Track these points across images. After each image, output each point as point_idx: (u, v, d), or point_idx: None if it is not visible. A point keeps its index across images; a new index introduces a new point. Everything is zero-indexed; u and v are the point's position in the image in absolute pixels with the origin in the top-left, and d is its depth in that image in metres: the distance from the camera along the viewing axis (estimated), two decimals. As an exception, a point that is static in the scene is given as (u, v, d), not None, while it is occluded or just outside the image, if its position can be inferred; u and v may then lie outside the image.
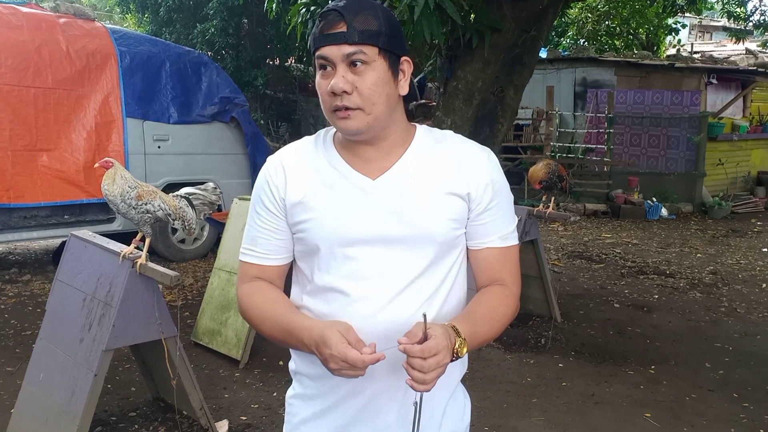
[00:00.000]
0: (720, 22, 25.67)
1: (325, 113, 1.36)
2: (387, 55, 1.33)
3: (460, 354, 1.26)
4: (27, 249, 7.29)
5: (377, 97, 1.32)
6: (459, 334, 1.27)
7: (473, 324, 1.33)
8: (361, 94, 1.30)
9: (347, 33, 1.29)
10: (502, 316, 1.42)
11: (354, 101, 1.30)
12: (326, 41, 1.30)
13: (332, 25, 1.30)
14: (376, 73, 1.31)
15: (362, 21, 1.29)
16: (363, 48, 1.29)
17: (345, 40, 1.29)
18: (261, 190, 1.44)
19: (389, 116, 1.36)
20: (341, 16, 1.29)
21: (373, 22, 1.30)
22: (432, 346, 1.20)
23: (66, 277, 3.19)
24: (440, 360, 1.21)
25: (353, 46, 1.29)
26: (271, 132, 14.69)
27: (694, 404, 3.86)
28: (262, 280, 1.46)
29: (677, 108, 10.72)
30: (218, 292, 4.44)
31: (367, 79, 1.31)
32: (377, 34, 1.30)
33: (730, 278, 6.71)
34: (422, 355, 1.19)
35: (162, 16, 13.94)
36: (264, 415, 3.59)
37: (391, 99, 1.35)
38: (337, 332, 1.24)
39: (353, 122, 1.32)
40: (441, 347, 1.21)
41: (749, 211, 10.93)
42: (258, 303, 1.42)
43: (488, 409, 3.70)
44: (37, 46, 5.67)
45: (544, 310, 5.21)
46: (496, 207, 1.42)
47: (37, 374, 3.13)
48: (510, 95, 5.25)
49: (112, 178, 2.93)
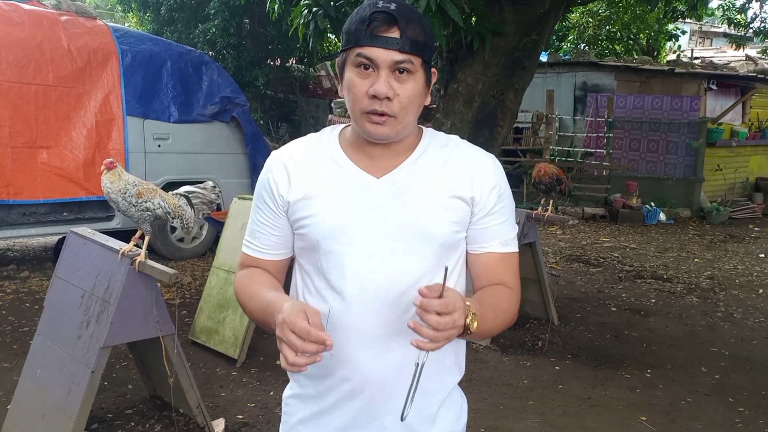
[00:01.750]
0: (720, 29, 25.71)
1: (354, 112, 1.34)
2: (426, 68, 1.34)
3: (471, 329, 1.23)
4: (25, 246, 7.29)
5: (412, 107, 1.33)
6: (470, 309, 1.24)
7: (482, 306, 1.30)
8: (401, 103, 1.30)
9: (401, 40, 1.27)
10: (506, 309, 1.40)
11: (392, 108, 1.30)
12: (376, 42, 1.28)
13: (384, 27, 1.27)
14: (416, 84, 1.32)
15: (413, 30, 1.28)
16: (411, 57, 1.29)
17: (398, 47, 1.27)
18: (262, 186, 1.45)
19: (414, 124, 1.38)
20: (395, 20, 1.27)
21: (420, 32, 1.30)
22: (450, 301, 1.16)
23: (64, 274, 3.19)
24: (455, 320, 1.16)
25: (404, 54, 1.28)
26: (271, 132, 14.70)
27: (689, 408, 3.87)
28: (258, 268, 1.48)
29: (677, 113, 10.74)
30: (216, 290, 4.44)
31: (408, 89, 1.31)
32: (424, 45, 1.30)
33: (727, 283, 6.72)
34: (440, 309, 1.14)
35: (163, 15, 13.94)
36: (260, 414, 3.59)
37: (420, 108, 1.37)
38: (301, 307, 1.21)
39: (385, 129, 1.32)
40: (458, 306, 1.17)
41: (747, 216, 10.95)
42: (246, 283, 1.44)
43: (484, 411, 3.70)
44: (38, 43, 5.67)
45: (541, 312, 5.21)
46: (499, 212, 1.42)
47: (34, 371, 3.13)
48: (510, 98, 5.26)
49: (114, 176, 2.93)
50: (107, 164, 2.95)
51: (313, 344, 1.16)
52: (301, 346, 1.16)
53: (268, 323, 1.32)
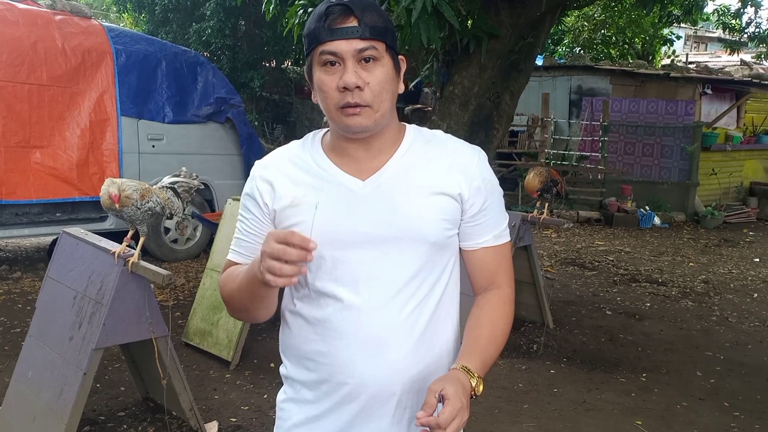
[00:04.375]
0: (715, 34, 25.84)
1: (329, 111, 1.32)
2: (391, 52, 1.33)
3: (477, 393, 1.27)
4: (18, 246, 7.25)
5: (385, 93, 1.31)
6: (472, 374, 1.27)
7: (481, 353, 1.33)
8: (372, 91, 1.29)
9: (360, 28, 1.26)
10: (504, 328, 1.42)
11: (365, 98, 1.29)
12: (336, 35, 1.27)
13: (341, 19, 1.27)
14: (384, 69, 1.31)
15: (371, 16, 1.28)
16: (374, 43, 1.28)
17: (358, 35, 1.26)
18: (247, 196, 1.43)
19: (391, 113, 1.36)
20: (350, 10, 1.27)
21: (378, 18, 1.29)
22: (447, 416, 1.18)
23: (57, 275, 3.16)
24: (459, 424, 1.20)
25: (365, 41, 1.27)
26: (267, 134, 14.68)
27: (684, 413, 3.86)
28: None
29: (671, 117, 10.76)
30: (210, 292, 4.42)
31: (377, 75, 1.29)
32: (384, 30, 1.30)
33: (721, 287, 6.73)
34: (440, 427, 1.17)
35: (158, 16, 13.92)
36: (254, 417, 3.57)
37: (394, 96, 1.35)
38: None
39: (362, 119, 1.30)
40: (456, 411, 1.19)
41: (742, 221, 10.96)
42: (226, 276, 1.42)
43: (479, 415, 3.69)
44: (32, 43, 5.64)
45: (536, 316, 5.20)
46: (490, 207, 1.42)
47: (26, 372, 3.11)
48: (506, 101, 5.26)
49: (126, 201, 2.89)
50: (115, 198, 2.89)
51: (295, 250, 1.13)
52: (284, 252, 1.13)
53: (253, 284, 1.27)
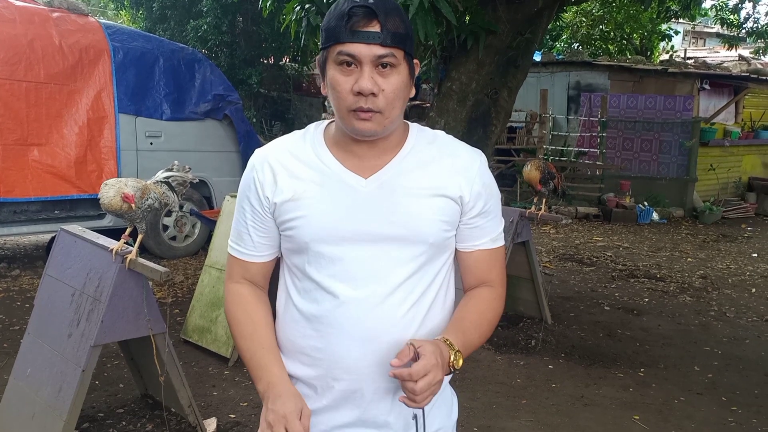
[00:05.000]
0: (713, 29, 25.79)
1: (340, 110, 1.32)
2: (409, 60, 1.32)
3: (456, 366, 1.27)
4: (16, 244, 7.24)
5: (397, 101, 1.31)
6: (452, 347, 1.28)
7: (464, 333, 1.34)
8: (386, 98, 1.28)
9: (382, 34, 1.25)
10: (491, 320, 1.43)
11: (378, 104, 1.28)
12: (357, 38, 1.25)
13: (364, 22, 1.25)
14: (400, 77, 1.30)
15: (393, 22, 1.26)
16: (394, 51, 1.27)
17: (379, 41, 1.25)
18: (246, 187, 1.42)
19: (400, 118, 1.36)
20: (374, 14, 1.24)
21: (401, 24, 1.28)
22: (420, 368, 1.20)
23: (55, 272, 3.16)
24: (431, 380, 1.21)
25: (386, 48, 1.26)
26: (265, 131, 14.66)
27: (682, 407, 3.87)
28: (248, 282, 1.46)
29: (670, 113, 10.76)
30: (208, 289, 4.42)
31: (393, 83, 1.29)
32: (405, 37, 1.28)
33: (719, 283, 6.74)
34: (411, 378, 1.20)
35: (156, 13, 13.88)
36: (253, 413, 3.57)
37: (405, 101, 1.35)
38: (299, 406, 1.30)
39: (372, 124, 1.30)
40: (430, 367, 1.21)
41: (740, 216, 10.98)
42: (240, 317, 1.43)
43: (477, 410, 3.69)
44: (29, 40, 5.63)
45: (534, 311, 5.21)
46: (488, 211, 1.42)
47: (25, 369, 3.11)
48: (504, 97, 5.26)
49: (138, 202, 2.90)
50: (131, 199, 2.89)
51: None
52: None
53: (254, 372, 1.37)
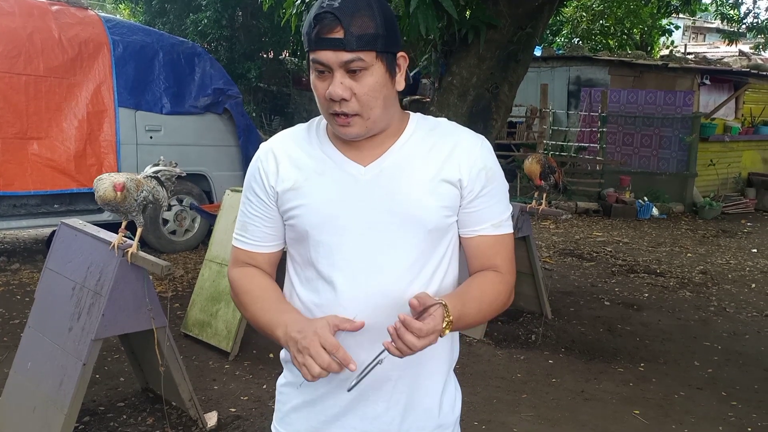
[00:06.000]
0: (714, 24, 25.78)
1: (323, 114, 1.35)
2: (384, 57, 1.29)
3: (441, 334, 1.25)
4: (16, 238, 7.23)
5: (375, 101, 1.30)
6: (448, 314, 1.25)
7: (463, 305, 1.31)
8: (360, 100, 1.28)
9: (345, 39, 1.24)
10: (492, 300, 1.39)
11: (352, 107, 1.28)
12: (322, 45, 1.25)
13: (328, 29, 1.24)
14: (374, 78, 1.28)
15: (359, 24, 1.24)
16: (361, 54, 1.25)
17: (343, 47, 1.24)
18: (252, 177, 1.44)
19: (386, 115, 1.35)
20: (337, 19, 1.23)
21: (370, 24, 1.25)
22: (430, 328, 1.20)
23: (55, 266, 3.16)
24: (429, 343, 1.21)
25: (351, 53, 1.24)
26: (264, 125, 14.65)
27: (682, 402, 3.87)
28: (252, 266, 1.46)
29: (670, 108, 10.75)
30: (209, 283, 4.42)
31: (365, 85, 1.28)
32: (375, 37, 1.26)
33: (719, 278, 6.74)
34: (418, 334, 1.19)
35: (155, 6, 13.86)
36: (253, 407, 3.57)
37: (388, 99, 1.33)
38: (331, 321, 1.27)
39: (353, 128, 1.31)
40: (437, 331, 1.21)
41: (739, 211, 10.98)
42: (248, 287, 1.42)
43: (478, 404, 3.70)
44: (29, 33, 5.62)
45: (534, 306, 5.21)
46: (489, 194, 1.40)
47: (25, 363, 3.11)
48: (504, 92, 5.24)
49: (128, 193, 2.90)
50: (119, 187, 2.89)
51: (336, 364, 1.22)
52: (327, 363, 1.21)
53: (270, 327, 1.34)
